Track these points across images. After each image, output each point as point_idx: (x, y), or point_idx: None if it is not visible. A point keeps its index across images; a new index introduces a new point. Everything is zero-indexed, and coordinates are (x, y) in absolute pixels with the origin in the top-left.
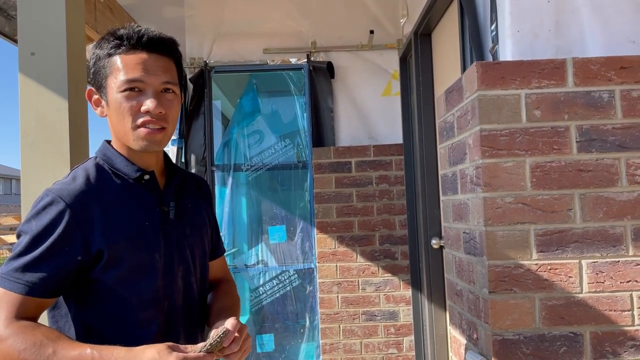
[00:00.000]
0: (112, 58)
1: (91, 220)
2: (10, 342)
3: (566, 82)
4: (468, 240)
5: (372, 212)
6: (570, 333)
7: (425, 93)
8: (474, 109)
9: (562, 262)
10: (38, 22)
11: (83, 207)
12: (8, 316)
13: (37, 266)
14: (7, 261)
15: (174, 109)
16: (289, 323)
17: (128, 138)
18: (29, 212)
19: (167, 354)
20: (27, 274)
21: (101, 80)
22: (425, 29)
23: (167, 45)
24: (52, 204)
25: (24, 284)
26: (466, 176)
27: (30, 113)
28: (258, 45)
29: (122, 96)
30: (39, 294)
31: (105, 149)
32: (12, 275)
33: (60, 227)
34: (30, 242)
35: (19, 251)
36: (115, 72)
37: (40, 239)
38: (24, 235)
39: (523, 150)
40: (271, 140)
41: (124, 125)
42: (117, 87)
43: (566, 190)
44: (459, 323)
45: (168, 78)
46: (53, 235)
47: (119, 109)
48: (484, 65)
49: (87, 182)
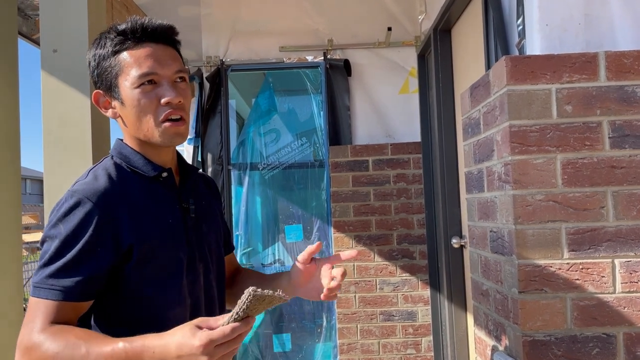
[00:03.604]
0: (120, 55)
1: (119, 219)
2: (44, 347)
3: (598, 76)
4: (495, 239)
5: (390, 211)
6: (602, 334)
7: (445, 90)
8: (502, 104)
9: (595, 262)
10: (60, 19)
11: (110, 206)
12: (44, 323)
13: (72, 270)
14: (37, 270)
15: (188, 97)
16: (305, 323)
17: (152, 134)
18: (52, 216)
19: (191, 337)
20: (61, 279)
21: (110, 80)
22: (445, 25)
23: (171, 35)
24: (80, 205)
25: (60, 289)
26: (493, 173)
27: (53, 111)
28: (274, 44)
29: (139, 92)
30: (75, 298)
31: (121, 147)
32: (46, 282)
33: (90, 228)
34: (60, 246)
35: (49, 257)
36: (126, 69)
37: (72, 242)
38: (52, 240)
39: (554, 147)
40: (287, 138)
41: (146, 122)
42: (131, 83)
43: (598, 188)
44: (485, 324)
45: (179, 66)
46: (84, 237)
47: (137, 106)
48: (513, 60)
49: (110, 181)
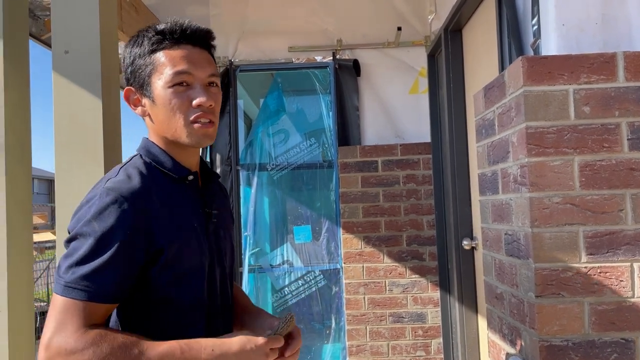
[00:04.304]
0: (156, 54)
1: (152, 219)
2: (91, 350)
3: (617, 77)
4: (510, 241)
5: (399, 212)
6: (621, 339)
7: (455, 90)
8: (518, 105)
9: (613, 265)
10: (72, 20)
11: (144, 206)
12: (80, 326)
13: (108, 270)
14: (68, 267)
15: (219, 102)
16: (314, 324)
17: (180, 134)
18: (82, 212)
19: (254, 337)
20: (97, 280)
21: (144, 78)
22: (456, 25)
23: (207, 39)
24: (115, 203)
25: (95, 291)
26: (509, 175)
27: (64, 112)
28: (283, 44)
29: (171, 92)
30: (110, 300)
31: (149, 146)
32: (80, 283)
33: (126, 227)
34: (95, 245)
35: (83, 256)
36: (161, 68)
37: (107, 242)
38: (85, 237)
39: (571, 149)
40: (296, 139)
41: (176, 122)
42: (164, 83)
43: (617, 190)
44: (499, 327)
45: (213, 70)
46: (120, 237)
47: (168, 105)
48: (529, 60)
49: (143, 181)
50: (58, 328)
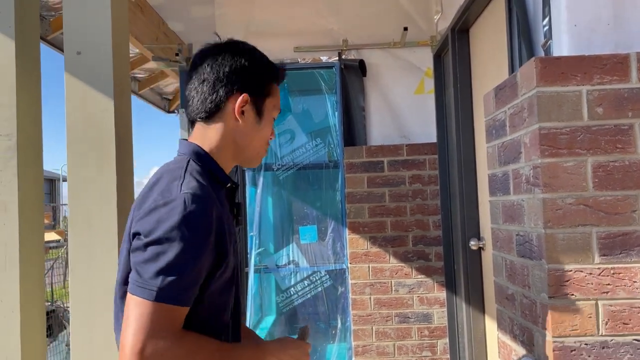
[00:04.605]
0: (273, 83)
1: (224, 225)
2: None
3: (630, 77)
4: (522, 242)
5: (405, 213)
6: (634, 340)
7: (462, 90)
8: (531, 106)
9: (626, 267)
10: (84, 21)
11: (219, 213)
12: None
13: (194, 275)
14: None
15: None
16: (320, 324)
17: (249, 154)
18: (163, 215)
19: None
20: (187, 285)
21: (261, 90)
22: (463, 24)
23: None
24: (204, 210)
25: (186, 296)
26: (521, 176)
27: (77, 113)
28: (289, 44)
29: (271, 121)
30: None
31: (199, 153)
32: (173, 289)
33: (212, 235)
34: (183, 251)
35: (172, 261)
36: (275, 95)
37: (196, 248)
38: (173, 242)
39: (584, 150)
40: (302, 139)
41: (255, 144)
42: (276, 110)
43: (630, 191)
44: (510, 328)
45: None
46: (207, 244)
47: (262, 129)
48: (543, 61)
49: (210, 188)
50: (152, 334)
